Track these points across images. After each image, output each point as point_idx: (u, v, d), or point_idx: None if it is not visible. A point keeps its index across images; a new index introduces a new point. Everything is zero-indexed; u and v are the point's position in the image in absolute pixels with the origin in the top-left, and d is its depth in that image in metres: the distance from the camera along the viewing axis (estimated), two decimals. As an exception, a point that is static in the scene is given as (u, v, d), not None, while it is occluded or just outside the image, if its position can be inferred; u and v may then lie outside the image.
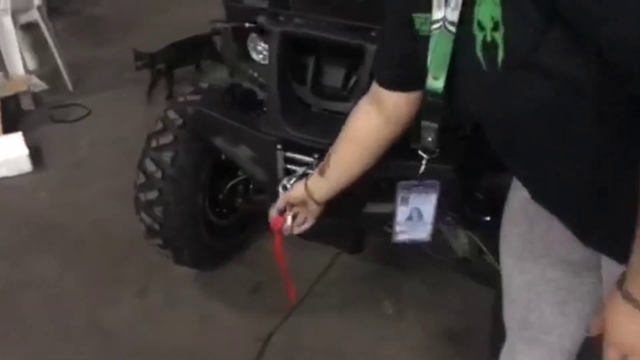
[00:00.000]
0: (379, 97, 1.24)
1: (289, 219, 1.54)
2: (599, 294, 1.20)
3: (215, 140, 1.98)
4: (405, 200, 1.30)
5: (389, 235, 1.80)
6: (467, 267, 2.19)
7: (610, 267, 1.06)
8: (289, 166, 1.73)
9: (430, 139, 1.15)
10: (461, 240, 2.14)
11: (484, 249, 2.05)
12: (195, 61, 3.85)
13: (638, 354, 0.89)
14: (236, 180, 2.34)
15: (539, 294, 1.30)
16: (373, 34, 1.60)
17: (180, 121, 2.16)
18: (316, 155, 1.66)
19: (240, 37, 1.97)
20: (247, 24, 1.85)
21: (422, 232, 1.33)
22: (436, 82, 1.05)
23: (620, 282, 0.89)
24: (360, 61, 1.66)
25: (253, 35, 1.92)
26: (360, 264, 2.50)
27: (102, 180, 3.08)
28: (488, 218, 1.97)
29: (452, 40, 0.99)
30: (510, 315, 1.40)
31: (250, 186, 2.35)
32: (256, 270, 2.53)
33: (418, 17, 1.09)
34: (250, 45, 1.96)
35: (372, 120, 1.27)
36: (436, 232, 2.16)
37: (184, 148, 2.15)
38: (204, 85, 2.29)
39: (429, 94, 1.08)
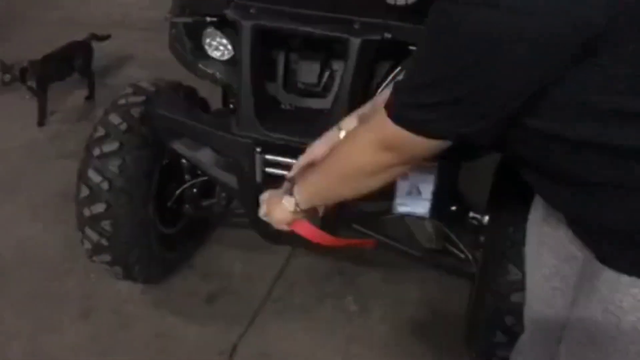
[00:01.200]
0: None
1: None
2: None
3: (175, 145, 1.83)
4: (404, 176, 1.30)
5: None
6: (432, 258, 2.20)
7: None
8: (268, 170, 1.62)
9: None
10: (427, 231, 2.13)
11: (453, 237, 2.06)
12: (70, 74, 3.30)
13: None
14: (185, 185, 2.18)
15: (555, 289, 1.30)
16: (356, 26, 1.53)
17: (124, 125, 1.98)
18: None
19: (193, 33, 1.82)
20: (208, 18, 1.70)
21: (421, 207, 1.35)
22: None
23: None
24: (340, 55, 1.58)
25: (209, 30, 1.78)
26: (316, 262, 2.44)
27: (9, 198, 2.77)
28: (454, 208, 1.98)
29: None
30: (529, 308, 1.39)
31: (195, 190, 2.20)
32: (208, 279, 2.40)
33: None
34: (206, 41, 1.81)
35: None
36: (400, 223, 2.17)
37: (131, 155, 1.98)
38: (145, 85, 2.11)
39: None
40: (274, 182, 1.57)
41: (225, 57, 1.82)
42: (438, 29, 0.89)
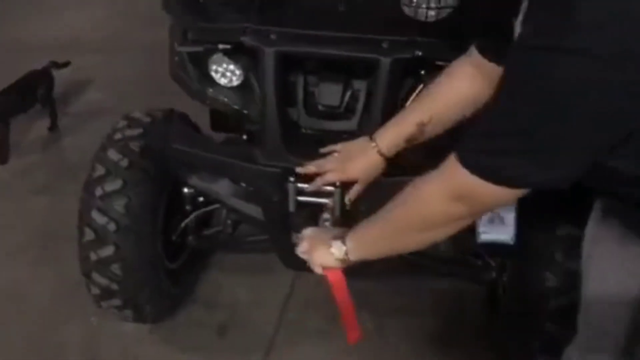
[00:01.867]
0: (482, 64, 1.25)
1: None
2: None
3: (190, 180, 1.75)
4: None
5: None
6: (447, 266, 2.18)
7: None
8: (300, 198, 1.57)
9: None
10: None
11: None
12: (33, 105, 3.09)
13: None
14: (192, 216, 2.09)
15: (622, 308, 1.30)
16: (385, 45, 1.49)
17: (125, 161, 1.88)
18: (337, 183, 1.52)
19: (199, 60, 1.74)
20: (221, 46, 1.63)
21: (506, 234, 1.34)
22: None
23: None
24: (361, 74, 1.54)
25: (216, 57, 1.71)
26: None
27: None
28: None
29: None
30: (584, 320, 1.39)
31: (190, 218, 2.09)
32: (214, 310, 2.31)
33: None
34: (212, 68, 1.74)
35: (474, 82, 1.27)
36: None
37: (135, 192, 1.87)
38: (139, 115, 2.01)
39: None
40: (307, 209, 1.51)
41: (235, 83, 1.75)
42: (522, 76, 0.87)
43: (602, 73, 0.80)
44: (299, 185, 1.55)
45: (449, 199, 1.01)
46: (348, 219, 1.55)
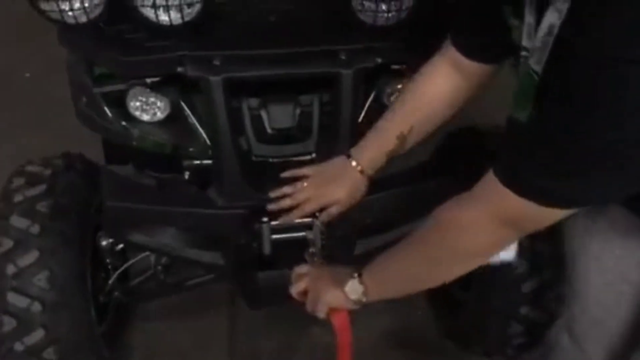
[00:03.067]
0: (460, 63, 1.20)
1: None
2: None
3: (131, 237, 1.51)
4: None
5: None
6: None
7: None
8: (275, 237, 1.41)
9: None
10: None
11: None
12: None
13: None
14: (119, 271, 1.84)
15: (618, 293, 1.31)
16: (343, 56, 1.37)
17: (37, 228, 1.59)
18: (317, 213, 1.38)
19: (117, 98, 1.50)
20: (148, 80, 1.40)
21: (509, 253, 1.25)
22: (522, 112, 0.93)
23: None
24: (311, 89, 1.44)
25: (135, 91, 1.48)
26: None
27: None
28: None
29: (535, 86, 0.90)
30: (583, 317, 1.40)
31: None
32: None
33: (508, 9, 0.99)
34: (132, 105, 1.50)
35: (453, 82, 1.23)
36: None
37: (56, 261, 1.59)
38: (36, 168, 1.71)
39: (511, 121, 0.97)
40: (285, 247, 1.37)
41: (159, 117, 1.52)
42: (595, 91, 0.79)
43: None
44: (273, 223, 1.38)
45: (498, 226, 0.94)
46: (330, 248, 1.43)
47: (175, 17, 1.32)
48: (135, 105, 1.49)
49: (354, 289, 1.14)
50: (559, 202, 0.89)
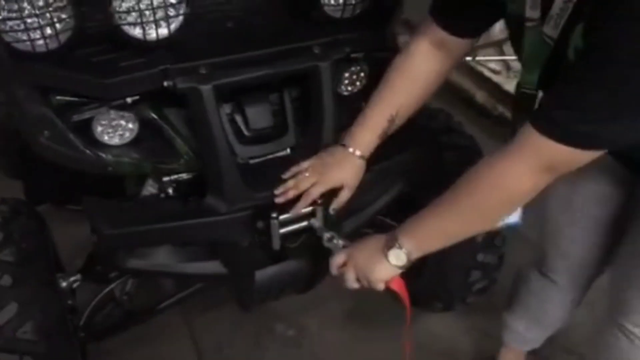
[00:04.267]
0: (443, 41, 1.31)
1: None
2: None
3: (129, 264, 1.48)
4: None
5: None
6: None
7: None
8: (283, 230, 1.47)
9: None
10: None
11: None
12: None
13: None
14: (88, 310, 1.77)
15: (585, 228, 1.54)
16: (316, 50, 1.46)
17: (8, 279, 1.50)
18: (319, 200, 1.47)
19: (82, 123, 1.45)
20: (129, 99, 1.37)
21: (515, 216, 1.35)
22: (530, 76, 1.14)
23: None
24: (284, 86, 1.50)
25: (99, 116, 1.44)
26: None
27: None
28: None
29: (550, 49, 1.08)
30: (554, 252, 1.63)
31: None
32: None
33: None
34: (98, 130, 1.46)
35: (435, 61, 1.34)
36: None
37: (37, 308, 1.51)
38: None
39: (522, 85, 1.16)
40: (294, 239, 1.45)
41: (129, 139, 1.50)
42: (631, 44, 0.91)
43: None
44: (281, 218, 1.43)
45: (539, 172, 1.08)
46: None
47: (161, 32, 1.31)
48: (100, 130, 1.44)
49: (397, 256, 1.24)
50: (595, 145, 1.04)
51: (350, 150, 1.40)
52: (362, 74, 1.65)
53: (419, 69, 1.37)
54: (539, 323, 1.79)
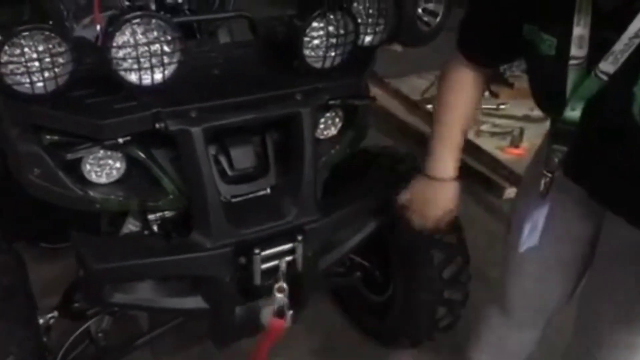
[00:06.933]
0: (477, 68, 1.42)
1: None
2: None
3: (113, 299, 1.52)
4: (530, 217, 1.41)
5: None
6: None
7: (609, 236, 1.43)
8: (264, 266, 1.55)
9: (557, 160, 1.30)
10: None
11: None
12: None
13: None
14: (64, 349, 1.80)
15: (550, 268, 1.61)
16: (298, 97, 1.57)
17: None
18: (299, 237, 1.56)
19: (71, 163, 1.51)
20: (121, 140, 1.45)
21: (534, 240, 1.45)
22: (574, 112, 1.23)
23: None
24: (293, 128, 1.58)
25: (87, 155, 1.51)
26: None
27: None
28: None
29: (602, 86, 1.16)
30: (514, 287, 1.70)
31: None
32: None
33: (533, 31, 1.24)
34: (86, 169, 1.53)
35: (477, 78, 1.44)
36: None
37: (17, 344, 1.54)
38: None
39: (565, 121, 1.25)
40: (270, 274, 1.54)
41: (116, 177, 1.56)
42: None
43: None
44: (263, 253, 1.51)
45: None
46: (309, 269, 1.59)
47: (156, 78, 1.40)
48: (88, 169, 1.51)
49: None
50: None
51: (446, 178, 1.48)
52: (337, 120, 1.76)
53: (466, 95, 1.45)
54: (500, 359, 1.88)
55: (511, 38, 1.29)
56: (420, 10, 4.90)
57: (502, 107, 3.63)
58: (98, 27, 1.72)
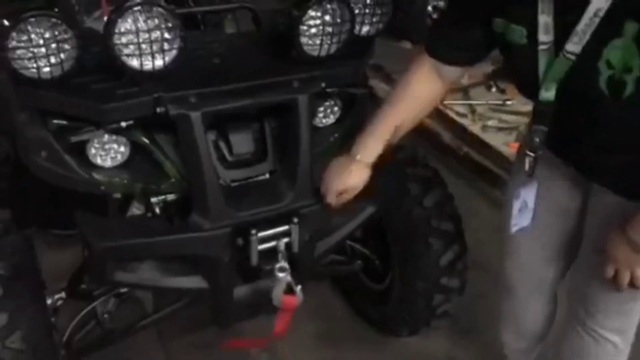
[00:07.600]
0: (439, 68, 1.48)
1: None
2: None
3: (117, 277, 1.58)
4: (518, 195, 1.48)
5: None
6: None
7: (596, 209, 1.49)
8: (261, 247, 1.60)
9: (537, 139, 1.37)
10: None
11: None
12: None
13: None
14: (71, 326, 1.85)
15: (543, 243, 1.68)
16: (296, 84, 1.62)
17: (0, 291, 1.60)
18: (295, 220, 1.60)
19: (77, 146, 1.57)
20: (124, 123, 1.51)
21: (527, 219, 1.50)
22: (548, 93, 1.31)
23: (623, 228, 1.29)
24: (290, 114, 1.62)
25: (93, 139, 1.57)
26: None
27: None
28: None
29: (570, 66, 1.25)
30: (512, 263, 1.77)
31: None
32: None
33: (503, 23, 1.32)
34: (92, 153, 1.59)
35: (434, 84, 1.50)
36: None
37: (26, 319, 1.60)
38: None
39: (541, 103, 1.33)
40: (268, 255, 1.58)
41: (121, 161, 1.62)
42: None
43: None
44: (260, 234, 1.56)
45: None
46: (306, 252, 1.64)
47: (157, 64, 1.45)
48: (93, 152, 1.57)
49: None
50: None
51: (357, 156, 1.55)
52: (335, 108, 1.81)
53: (419, 90, 1.51)
54: (520, 333, 1.90)
55: (478, 34, 1.39)
56: (430, 8, 4.91)
57: (508, 102, 3.65)
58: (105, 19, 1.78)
